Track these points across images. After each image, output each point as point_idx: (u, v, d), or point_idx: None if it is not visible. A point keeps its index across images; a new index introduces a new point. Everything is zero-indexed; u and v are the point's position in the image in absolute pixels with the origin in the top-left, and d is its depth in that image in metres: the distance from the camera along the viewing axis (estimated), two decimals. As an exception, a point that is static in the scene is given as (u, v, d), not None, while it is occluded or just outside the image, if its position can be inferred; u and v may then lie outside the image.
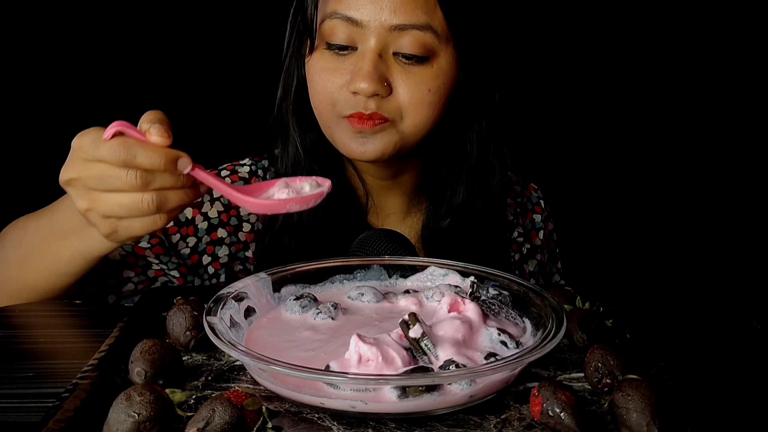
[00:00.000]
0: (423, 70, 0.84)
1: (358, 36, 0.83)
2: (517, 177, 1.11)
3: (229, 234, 0.94)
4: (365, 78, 0.81)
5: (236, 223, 0.96)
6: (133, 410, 0.46)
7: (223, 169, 0.99)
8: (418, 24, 0.82)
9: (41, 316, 0.75)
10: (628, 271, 1.85)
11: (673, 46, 1.82)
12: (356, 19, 0.82)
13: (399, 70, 0.84)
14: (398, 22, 0.81)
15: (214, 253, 0.93)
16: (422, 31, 0.82)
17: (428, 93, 0.85)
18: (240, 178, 0.97)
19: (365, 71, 0.81)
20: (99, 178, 0.61)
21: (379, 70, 0.82)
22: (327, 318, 0.65)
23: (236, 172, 0.98)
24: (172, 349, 0.56)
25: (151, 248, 0.89)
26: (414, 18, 0.82)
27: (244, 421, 0.46)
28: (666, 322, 0.74)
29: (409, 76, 0.84)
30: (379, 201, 0.99)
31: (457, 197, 0.95)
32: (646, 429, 0.47)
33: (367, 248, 0.78)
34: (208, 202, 0.95)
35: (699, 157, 1.88)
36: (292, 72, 0.94)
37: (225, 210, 0.95)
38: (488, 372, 0.50)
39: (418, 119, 0.86)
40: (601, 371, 0.55)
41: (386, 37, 0.82)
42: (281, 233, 0.92)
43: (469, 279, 0.69)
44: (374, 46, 0.82)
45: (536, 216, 1.10)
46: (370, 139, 0.85)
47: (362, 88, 0.82)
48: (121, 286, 0.88)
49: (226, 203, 0.95)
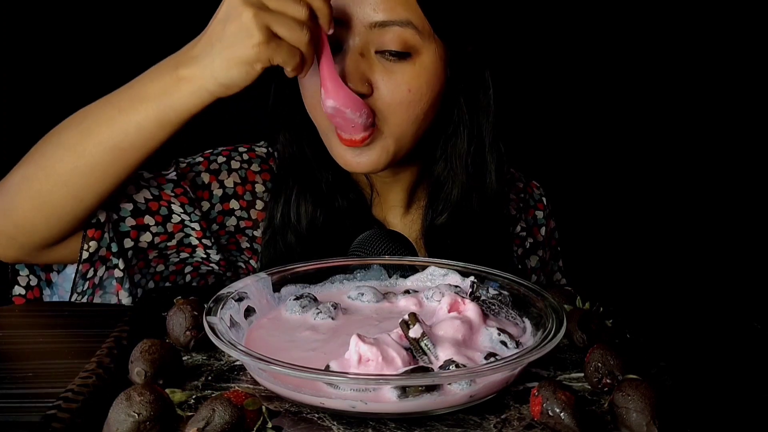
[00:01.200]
0: (404, 68, 0.83)
1: (342, 36, 0.83)
2: (519, 174, 1.11)
3: (242, 208, 0.94)
4: (347, 77, 0.81)
5: (250, 199, 0.95)
6: (133, 410, 0.46)
7: (240, 146, 0.99)
8: (399, 20, 0.81)
9: (41, 316, 0.75)
10: (628, 271, 1.85)
11: (675, 43, 1.82)
12: (337, 18, 0.81)
13: (381, 69, 0.83)
14: (379, 19, 0.81)
15: (223, 222, 0.93)
16: (402, 27, 0.82)
17: (408, 92, 0.84)
18: (257, 156, 0.98)
19: (346, 71, 0.81)
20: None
21: (360, 69, 0.82)
22: (327, 318, 0.65)
23: (253, 150, 0.99)
24: (172, 349, 0.56)
25: (176, 197, 0.88)
26: (394, 14, 0.81)
27: (244, 421, 0.46)
28: (666, 322, 0.74)
29: (390, 76, 0.83)
30: (382, 193, 0.99)
31: (453, 195, 0.95)
32: (646, 429, 0.47)
33: (367, 248, 0.78)
34: (226, 171, 0.95)
35: (700, 157, 1.88)
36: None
37: (242, 183, 0.95)
38: (488, 372, 0.50)
39: (399, 119, 0.85)
40: (601, 371, 0.55)
41: (367, 35, 0.82)
42: (286, 229, 0.92)
43: (469, 279, 0.69)
44: (355, 45, 0.82)
45: (538, 213, 1.10)
46: (365, 151, 0.85)
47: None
48: (139, 236, 0.86)
49: (243, 176, 0.95)
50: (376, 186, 0.98)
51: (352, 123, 0.82)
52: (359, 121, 0.81)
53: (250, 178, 0.96)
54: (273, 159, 0.99)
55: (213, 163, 0.95)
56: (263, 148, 1.00)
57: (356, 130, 0.83)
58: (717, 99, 1.85)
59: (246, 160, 0.97)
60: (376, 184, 0.98)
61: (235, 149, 0.98)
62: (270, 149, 1.00)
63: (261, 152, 0.99)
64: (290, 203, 0.93)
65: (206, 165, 0.94)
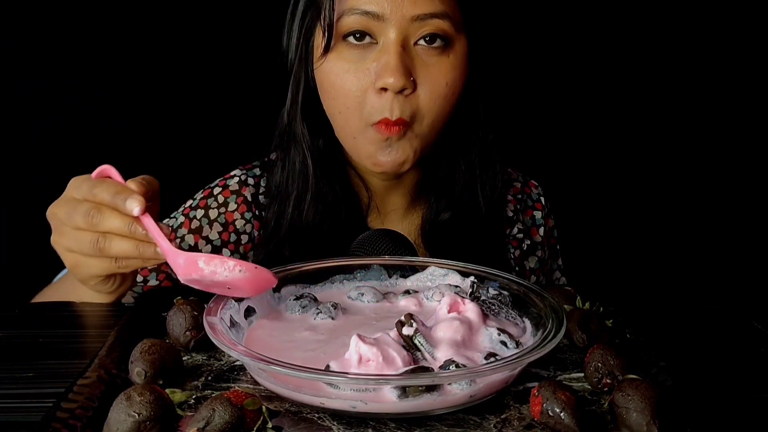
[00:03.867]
0: (441, 61, 0.83)
1: (378, 30, 0.81)
2: (517, 174, 1.11)
3: (232, 253, 0.95)
4: (393, 72, 0.79)
5: (235, 239, 0.96)
6: (133, 410, 0.46)
7: (215, 184, 0.99)
8: (438, 12, 0.81)
9: (41, 316, 0.75)
10: (628, 270, 1.85)
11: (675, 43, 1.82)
12: (376, 13, 0.80)
13: (420, 63, 0.82)
14: (419, 11, 0.80)
15: None
16: (441, 19, 0.81)
17: (446, 86, 0.84)
18: (231, 192, 0.98)
19: (392, 65, 0.80)
20: (67, 213, 0.66)
21: (405, 63, 0.81)
22: (327, 318, 0.65)
23: (227, 186, 0.99)
24: (172, 349, 0.56)
25: (160, 284, 0.90)
26: (433, 6, 0.81)
27: (244, 421, 0.46)
28: (666, 322, 0.74)
29: (428, 70, 0.83)
30: (381, 201, 0.99)
31: (457, 191, 0.96)
32: (646, 429, 0.47)
33: (367, 248, 0.78)
34: (207, 225, 0.95)
35: (700, 157, 1.88)
36: (299, 77, 0.92)
37: (224, 229, 0.96)
38: (488, 372, 0.50)
39: (434, 116, 0.84)
40: (601, 371, 0.55)
41: (407, 28, 0.81)
42: (282, 242, 0.92)
43: (469, 279, 0.69)
44: (396, 38, 0.81)
45: (536, 213, 1.10)
46: (395, 146, 0.84)
47: (390, 83, 0.80)
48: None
49: (223, 222, 0.96)
50: (376, 197, 0.98)
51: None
52: None
53: (229, 220, 0.96)
54: (246, 186, 0.99)
55: (194, 221, 0.96)
56: (234, 178, 0.99)
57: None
58: (717, 98, 1.85)
59: (222, 202, 0.97)
60: (376, 193, 0.98)
61: (210, 193, 0.98)
62: (243, 176, 0.99)
63: (233, 185, 0.98)
64: (285, 214, 0.93)
65: (188, 225, 0.95)
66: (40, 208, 0.77)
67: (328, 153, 0.93)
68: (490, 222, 0.99)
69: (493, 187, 0.97)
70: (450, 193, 0.96)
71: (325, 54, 0.84)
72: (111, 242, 0.66)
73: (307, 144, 0.92)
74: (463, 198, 0.96)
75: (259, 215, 0.98)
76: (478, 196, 0.96)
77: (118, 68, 1.62)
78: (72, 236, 0.67)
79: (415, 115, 0.83)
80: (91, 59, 1.61)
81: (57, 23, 1.59)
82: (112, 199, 0.64)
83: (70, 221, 0.66)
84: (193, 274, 0.61)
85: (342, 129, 0.88)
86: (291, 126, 0.94)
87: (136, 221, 0.64)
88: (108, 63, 1.61)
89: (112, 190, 0.64)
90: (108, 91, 1.62)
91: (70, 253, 0.69)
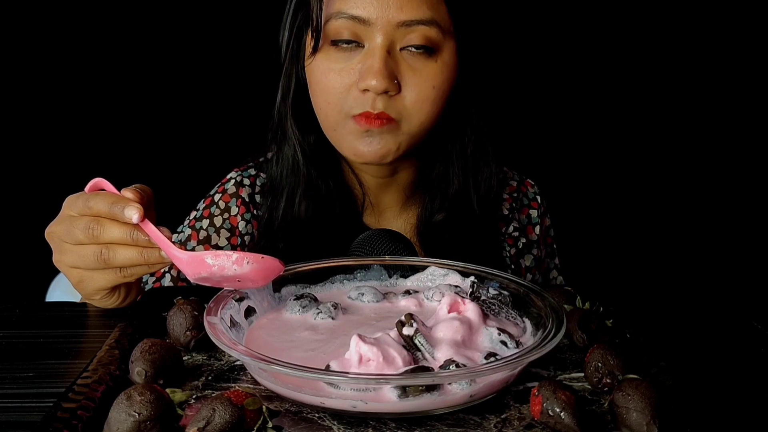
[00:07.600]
0: (428, 65, 0.84)
1: (364, 34, 0.83)
2: (513, 173, 1.12)
3: None
4: (376, 75, 0.81)
5: (241, 242, 0.98)
6: (134, 410, 0.46)
7: (215, 193, 1.01)
8: (424, 19, 0.82)
9: (41, 316, 0.75)
10: (628, 270, 1.85)
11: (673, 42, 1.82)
12: (363, 18, 0.82)
13: (406, 67, 0.84)
14: (405, 18, 0.81)
15: None
16: (428, 26, 0.82)
17: (432, 89, 0.85)
18: (230, 195, 0.99)
19: (376, 68, 0.81)
20: (66, 230, 0.65)
21: (389, 66, 0.82)
22: (327, 318, 0.65)
23: (226, 191, 1.00)
24: (172, 349, 0.56)
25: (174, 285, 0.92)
26: (420, 13, 0.82)
27: (245, 421, 0.46)
28: (666, 322, 0.74)
29: (414, 73, 0.84)
30: (376, 199, 1.00)
31: (452, 190, 0.96)
32: (646, 429, 0.47)
33: (367, 248, 0.78)
34: (214, 233, 0.97)
35: (699, 156, 1.88)
36: (290, 74, 0.93)
37: (231, 234, 0.97)
38: (488, 372, 0.50)
39: (423, 117, 0.86)
40: (601, 371, 0.55)
41: (393, 33, 0.82)
42: (276, 235, 0.93)
43: (469, 279, 0.69)
44: (382, 43, 0.82)
45: (532, 211, 1.10)
46: (377, 138, 0.86)
47: (373, 85, 0.81)
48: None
49: (228, 227, 0.97)
50: (370, 194, 0.98)
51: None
52: None
53: (234, 224, 0.98)
54: (242, 187, 1.00)
55: (201, 231, 0.97)
56: (231, 181, 1.01)
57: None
58: (717, 98, 1.85)
59: (224, 208, 0.98)
60: (371, 190, 0.98)
61: (212, 201, 0.99)
62: (239, 178, 1.00)
63: (231, 188, 1.00)
64: (279, 207, 0.94)
65: (196, 237, 0.97)
66: (40, 208, 0.77)
67: (321, 148, 0.94)
68: (484, 221, 0.99)
69: (488, 187, 0.98)
70: (444, 192, 0.97)
71: (313, 54, 0.87)
72: (115, 252, 0.65)
73: (297, 139, 0.94)
74: (457, 198, 0.96)
75: (256, 214, 0.99)
76: (472, 196, 0.97)
77: (116, 68, 1.62)
78: (74, 252, 0.66)
79: (402, 115, 0.85)
80: (90, 59, 1.61)
81: (47, 28, 1.60)
82: (110, 209, 0.63)
83: (71, 237, 0.65)
84: (202, 272, 0.62)
85: (324, 121, 0.90)
86: (282, 122, 0.96)
87: (136, 228, 0.64)
88: (107, 63, 1.61)
89: (108, 201, 0.64)
90: (104, 93, 1.62)
91: (74, 269, 0.68)
